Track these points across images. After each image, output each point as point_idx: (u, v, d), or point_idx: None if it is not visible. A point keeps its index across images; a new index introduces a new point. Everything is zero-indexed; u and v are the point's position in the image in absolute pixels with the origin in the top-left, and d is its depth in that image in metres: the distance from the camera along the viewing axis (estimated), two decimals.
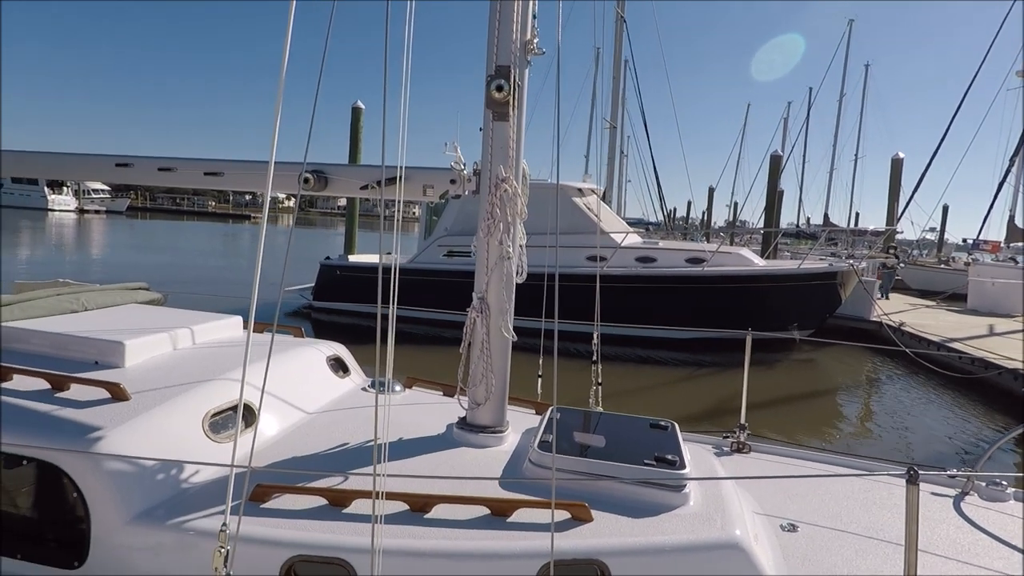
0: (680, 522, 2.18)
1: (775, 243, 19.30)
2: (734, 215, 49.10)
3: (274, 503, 2.17)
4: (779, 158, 23.94)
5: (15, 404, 2.34)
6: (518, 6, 2.60)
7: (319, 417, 2.97)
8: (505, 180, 2.60)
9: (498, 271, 2.68)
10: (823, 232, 25.71)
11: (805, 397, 9.50)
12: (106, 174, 3.30)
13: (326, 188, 2.87)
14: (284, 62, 1.66)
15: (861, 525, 2.53)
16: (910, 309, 16.16)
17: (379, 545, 1.87)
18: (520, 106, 2.66)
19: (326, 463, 2.49)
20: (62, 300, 3.30)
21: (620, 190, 33.12)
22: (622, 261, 12.50)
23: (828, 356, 12.15)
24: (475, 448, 2.71)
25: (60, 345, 2.85)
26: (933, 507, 2.73)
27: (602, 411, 3.37)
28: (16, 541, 2.22)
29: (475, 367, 2.75)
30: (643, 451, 2.52)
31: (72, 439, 2.18)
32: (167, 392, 2.54)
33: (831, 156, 40.33)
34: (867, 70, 40.47)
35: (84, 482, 2.12)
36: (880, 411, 8.94)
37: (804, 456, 3.33)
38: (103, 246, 28.07)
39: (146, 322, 3.22)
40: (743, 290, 12.18)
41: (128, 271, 18.59)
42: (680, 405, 8.69)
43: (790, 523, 2.52)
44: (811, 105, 39.53)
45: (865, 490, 2.85)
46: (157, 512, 2.12)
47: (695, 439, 3.48)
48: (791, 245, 31.05)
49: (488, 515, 2.14)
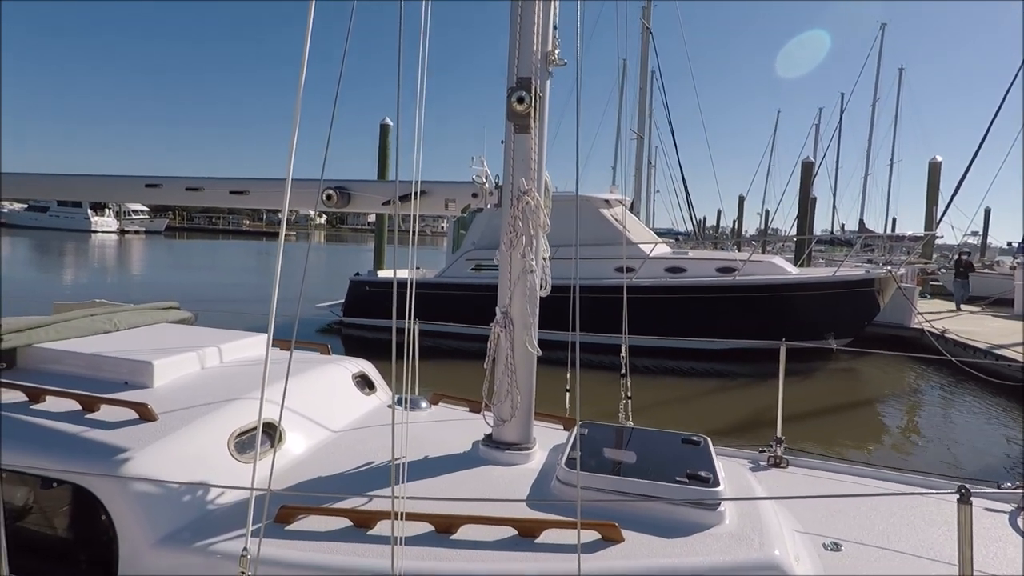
0: (715, 542, 2.09)
1: (809, 250, 18.88)
2: (765, 223, 48.30)
3: (299, 524, 2.15)
4: (811, 164, 23.48)
5: (45, 426, 2.37)
6: (539, 17, 2.58)
7: (345, 435, 2.95)
8: (527, 192, 2.57)
9: (521, 285, 2.64)
10: (859, 238, 25.07)
11: (845, 408, 9.20)
12: (137, 195, 3.37)
13: (349, 204, 2.87)
14: (301, 83, 1.66)
15: (910, 544, 2.40)
16: (953, 315, 15.59)
17: (400, 569, 1.82)
18: (542, 118, 2.63)
19: (351, 482, 2.47)
20: (95, 321, 3.36)
21: (649, 200, 32.92)
22: (651, 272, 12.35)
23: (869, 365, 11.77)
24: (501, 466, 2.66)
25: (92, 365, 2.89)
26: (986, 523, 2.58)
27: (632, 426, 3.28)
28: (47, 563, 2.23)
29: (500, 383, 2.70)
30: (674, 468, 2.43)
31: (100, 461, 2.19)
32: (194, 412, 2.55)
33: (865, 161, 39.41)
34: (901, 74, 39.61)
35: (111, 504, 2.13)
36: (925, 422, 8.59)
37: (845, 471, 3.19)
38: (142, 266, 28.94)
39: (175, 341, 3.26)
40: (776, 299, 11.90)
41: (164, 290, 19.08)
42: (714, 418, 8.48)
43: (833, 542, 2.40)
44: (843, 110, 38.76)
45: (913, 506, 2.71)
46: (183, 534, 2.11)
47: (730, 454, 3.37)
48: (826, 252, 30.34)
49: (515, 536, 2.09)
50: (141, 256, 34.33)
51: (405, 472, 2.21)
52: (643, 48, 20.27)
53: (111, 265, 28.50)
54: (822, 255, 28.25)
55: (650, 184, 32.75)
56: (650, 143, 29.43)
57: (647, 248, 12.45)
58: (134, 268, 27.60)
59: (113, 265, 28.56)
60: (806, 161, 23.02)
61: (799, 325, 11.83)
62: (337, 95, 1.66)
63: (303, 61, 1.62)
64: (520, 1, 2.56)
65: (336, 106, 1.64)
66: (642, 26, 20.08)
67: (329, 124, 1.68)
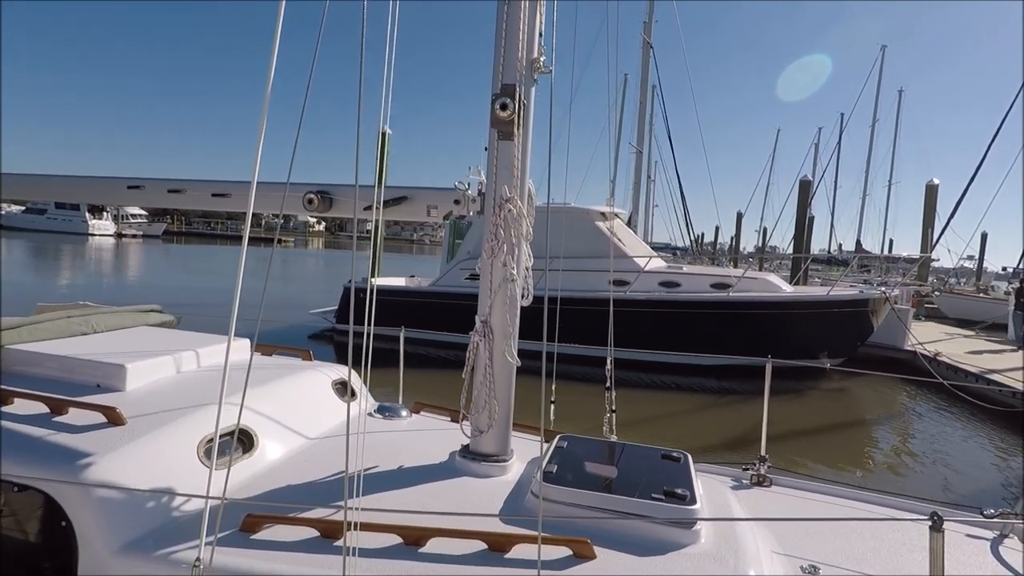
0: (689, 562, 2.04)
1: (804, 268, 18.91)
2: (763, 241, 48.44)
3: (265, 534, 2.09)
4: (808, 183, 23.62)
5: (9, 428, 2.31)
6: (524, 24, 2.57)
7: (320, 443, 2.90)
8: (509, 200, 2.54)
9: (502, 294, 2.60)
10: (855, 258, 25.13)
11: (836, 428, 9.15)
12: (120, 196, 3.33)
13: (331, 208, 2.84)
14: (268, 84, 1.63)
15: (889, 568, 2.35)
16: (946, 339, 15.59)
17: None
18: (526, 125, 2.61)
19: (321, 491, 2.41)
20: (72, 323, 3.31)
21: (647, 215, 32.98)
22: (645, 286, 12.33)
23: (861, 385, 11.73)
24: (477, 477, 2.61)
25: (65, 368, 2.84)
26: (968, 550, 2.53)
27: (614, 440, 3.23)
28: (5, 568, 2.17)
29: (478, 393, 2.66)
30: (652, 484, 2.38)
31: (62, 466, 2.14)
32: (164, 416, 2.50)
33: (863, 182, 39.60)
34: (900, 96, 39.93)
35: (72, 510, 2.07)
36: (915, 445, 8.54)
37: (829, 491, 3.14)
38: (136, 269, 28.84)
39: (153, 344, 3.20)
40: (769, 316, 11.89)
41: (155, 293, 19.01)
42: (702, 434, 8.43)
43: (812, 565, 2.35)
44: (843, 131, 39.03)
45: (896, 530, 2.66)
46: (145, 542, 2.05)
47: (713, 471, 3.32)
48: (823, 271, 30.40)
49: (485, 550, 2.03)
50: (136, 260, 34.24)
51: (360, 482, 2.16)
52: (643, 63, 20.41)
53: (105, 268, 28.41)
54: (818, 274, 28.30)
55: (649, 198, 32.85)
56: (650, 157, 29.58)
57: (642, 262, 12.44)
58: (128, 271, 27.51)
59: (107, 268, 28.47)
60: (804, 179, 23.17)
61: (792, 343, 11.80)
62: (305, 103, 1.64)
63: (271, 65, 1.59)
64: (506, 8, 2.55)
65: (304, 113, 1.62)
66: (643, 41, 20.23)
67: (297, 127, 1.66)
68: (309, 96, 1.80)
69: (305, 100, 1.65)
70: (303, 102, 1.62)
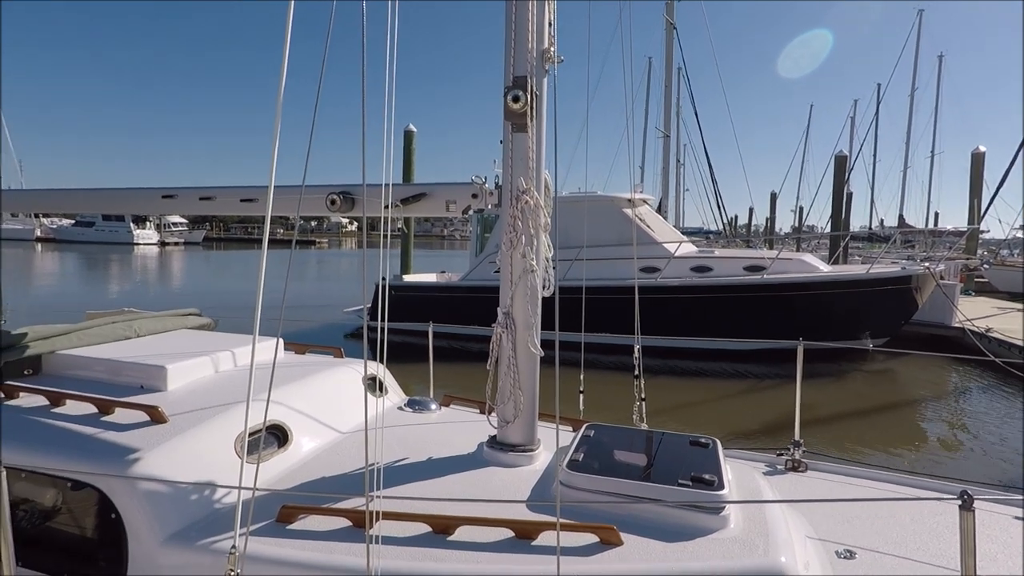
0: (717, 547, 2.03)
1: (843, 246, 18.36)
2: (800, 220, 47.21)
3: (301, 524, 2.16)
4: (844, 159, 22.87)
5: (62, 428, 2.45)
6: (534, 15, 2.56)
7: (351, 436, 2.97)
8: (526, 192, 2.55)
9: (522, 285, 2.62)
10: (896, 234, 24.31)
11: (881, 410, 8.89)
12: (155, 206, 3.46)
13: (353, 209, 2.90)
14: (280, 89, 1.67)
15: (928, 552, 2.29)
16: (998, 313, 14.97)
17: (376, 568, 1.82)
18: (539, 116, 2.61)
19: (353, 482, 2.48)
20: (117, 328, 3.47)
21: (678, 199, 32.49)
22: (676, 271, 12.17)
23: (907, 366, 11.36)
24: (505, 467, 2.64)
25: (112, 370, 2.99)
26: (1003, 529, 2.45)
27: (643, 428, 3.22)
28: (61, 560, 2.30)
29: (503, 384, 2.69)
30: (680, 470, 2.38)
31: (110, 461, 2.26)
32: (203, 414, 2.60)
33: (904, 154, 38.20)
34: (940, 61, 38.35)
35: (120, 502, 2.19)
36: (966, 426, 8.25)
37: (865, 475, 3.07)
38: (179, 275, 29.77)
39: (192, 346, 3.33)
40: (806, 298, 11.59)
41: (196, 298, 19.58)
42: (738, 421, 8.29)
43: (847, 549, 2.31)
44: (880, 102, 37.66)
45: (933, 513, 2.59)
46: (190, 532, 2.16)
47: (746, 457, 3.28)
48: (863, 249, 29.47)
49: (512, 538, 2.06)
50: (178, 266, 35.32)
51: (382, 474, 2.21)
52: (667, 44, 20.04)
53: (149, 275, 29.39)
54: (859, 252, 27.44)
55: (679, 183, 32.33)
56: (678, 141, 29.10)
57: (672, 247, 12.27)
58: (170, 277, 28.41)
59: (151, 275, 29.44)
60: (839, 155, 22.42)
61: (831, 325, 11.49)
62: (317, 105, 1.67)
63: (282, 69, 1.63)
64: (515, 0, 2.55)
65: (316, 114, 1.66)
66: (666, 22, 19.86)
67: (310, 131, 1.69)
68: (320, 99, 1.84)
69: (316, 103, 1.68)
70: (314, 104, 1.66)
